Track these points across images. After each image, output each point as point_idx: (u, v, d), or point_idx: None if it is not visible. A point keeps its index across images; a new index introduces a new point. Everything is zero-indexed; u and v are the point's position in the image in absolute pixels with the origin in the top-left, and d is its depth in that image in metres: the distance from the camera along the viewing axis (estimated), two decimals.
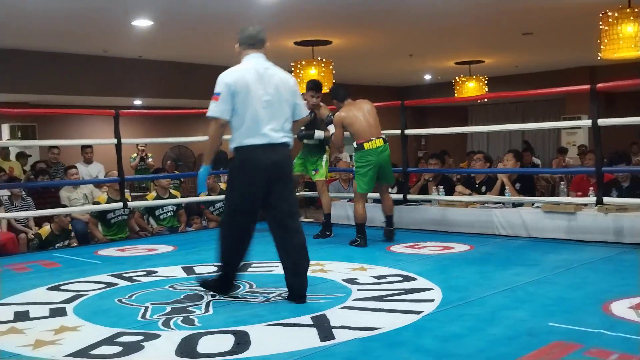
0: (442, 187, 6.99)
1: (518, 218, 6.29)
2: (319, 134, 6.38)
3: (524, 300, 3.81)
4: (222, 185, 8.55)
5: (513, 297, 3.88)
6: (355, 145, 5.93)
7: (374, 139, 5.86)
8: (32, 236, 7.07)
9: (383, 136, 5.95)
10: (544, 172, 10.15)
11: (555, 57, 13.41)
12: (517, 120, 17.05)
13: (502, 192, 6.58)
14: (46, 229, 6.92)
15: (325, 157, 6.58)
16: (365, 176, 5.87)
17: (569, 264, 4.84)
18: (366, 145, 5.83)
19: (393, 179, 6.22)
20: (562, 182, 7.09)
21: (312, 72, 10.91)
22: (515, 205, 6.47)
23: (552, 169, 11.21)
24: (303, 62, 10.98)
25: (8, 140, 11.79)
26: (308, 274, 4.07)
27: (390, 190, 7.55)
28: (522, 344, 3.00)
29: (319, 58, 11.05)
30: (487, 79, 13.93)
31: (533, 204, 6.35)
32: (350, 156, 16.34)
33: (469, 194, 6.99)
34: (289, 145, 3.97)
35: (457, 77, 13.99)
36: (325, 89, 7.35)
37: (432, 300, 3.83)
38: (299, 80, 11.03)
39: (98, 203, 7.23)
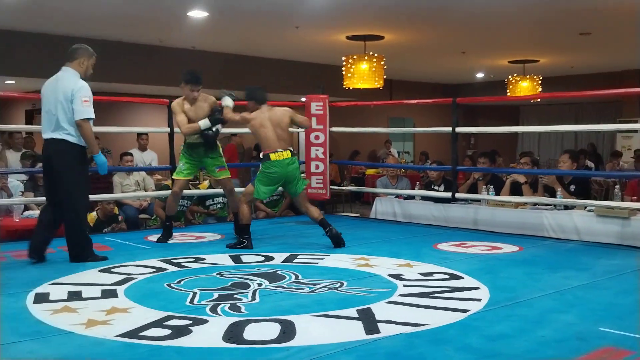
0: (492, 186, 6.89)
1: (569, 221, 6.17)
2: (204, 123, 5.81)
3: (574, 304, 3.75)
4: None
5: (562, 300, 3.82)
6: (261, 155, 5.71)
7: (280, 150, 5.62)
8: None
9: (290, 149, 5.72)
10: (598, 175, 9.92)
11: (613, 58, 13.08)
12: (570, 122, 16.69)
13: (553, 195, 6.46)
14: (92, 215, 7.09)
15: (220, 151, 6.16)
16: (266, 185, 5.68)
17: (621, 269, 4.73)
18: (272, 156, 5.60)
19: (301, 189, 5.84)
20: (616, 186, 6.93)
21: (364, 67, 10.90)
22: (567, 207, 6.34)
23: (606, 172, 10.95)
24: (355, 57, 10.97)
25: None
26: (353, 267, 4.74)
27: (436, 188, 7.52)
28: (572, 347, 2.95)
29: (371, 53, 11.02)
30: (541, 78, 13.67)
31: (585, 207, 6.22)
32: (398, 152, 16.31)
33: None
34: (59, 141, 4.81)
35: (510, 76, 13.78)
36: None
37: (479, 300, 3.79)
38: (350, 74, 11.03)
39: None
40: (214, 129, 5.86)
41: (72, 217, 4.92)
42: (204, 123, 5.79)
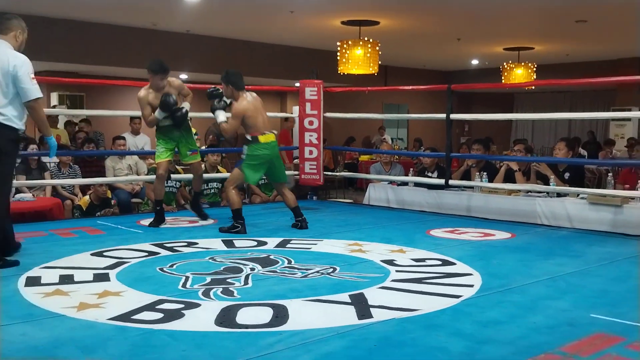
0: (485, 173, 6.90)
1: (562, 208, 6.18)
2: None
3: (566, 290, 3.76)
4: None
5: (554, 287, 3.82)
6: (249, 138, 5.62)
7: (267, 132, 5.64)
8: (75, 206, 7.23)
9: (275, 132, 5.76)
10: (591, 163, 9.94)
11: (609, 46, 13.08)
12: (564, 110, 16.73)
13: (546, 182, 6.47)
14: (85, 199, 7.08)
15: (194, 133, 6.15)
16: (256, 169, 5.68)
17: (613, 256, 4.74)
18: (261, 138, 5.59)
19: (286, 177, 6.02)
20: (609, 174, 6.94)
21: (359, 53, 10.86)
22: (560, 195, 6.36)
23: (599, 160, 10.97)
24: (350, 42, 10.93)
25: (53, 107, 12.05)
26: (346, 252, 4.73)
27: (430, 174, 7.53)
28: (563, 333, 2.96)
29: (366, 38, 10.98)
30: (535, 66, 13.66)
31: (578, 195, 6.23)
32: (392, 139, 16.30)
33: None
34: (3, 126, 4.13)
35: (505, 63, 13.76)
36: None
37: (471, 286, 3.80)
38: (344, 59, 10.97)
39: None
40: (182, 110, 5.83)
41: (2, 209, 4.27)
42: (158, 114, 5.77)
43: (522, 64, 13.63)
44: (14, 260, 4.29)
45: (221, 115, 5.71)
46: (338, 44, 11.07)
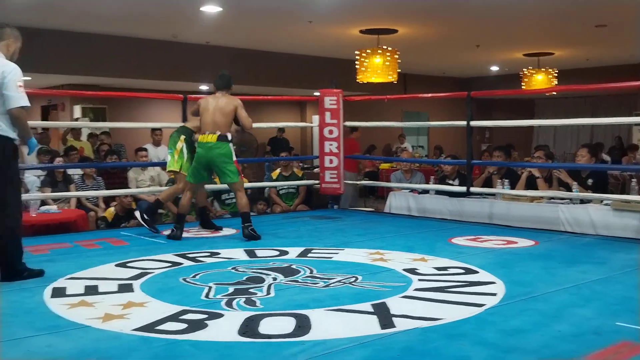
0: (507, 180, 6.85)
1: (585, 215, 6.12)
2: None
3: (590, 298, 3.72)
4: (296, 171, 8.48)
5: (579, 295, 3.79)
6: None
7: (207, 133, 5.76)
8: (99, 217, 7.31)
9: (220, 133, 5.73)
10: (614, 169, 9.83)
11: (629, 50, 12.95)
12: (586, 116, 16.55)
13: (569, 189, 6.42)
14: (111, 210, 7.15)
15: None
16: (194, 168, 5.88)
17: (638, 263, 4.68)
18: (200, 138, 5.81)
19: (232, 178, 5.79)
20: (632, 180, 6.86)
21: (377, 61, 10.88)
22: (583, 201, 6.30)
23: (622, 165, 10.85)
24: (368, 51, 10.95)
25: (76, 119, 12.20)
26: (367, 261, 4.73)
27: (451, 182, 7.49)
28: (588, 342, 2.93)
29: (385, 47, 10.99)
30: (556, 71, 13.56)
31: (602, 201, 6.17)
32: (412, 147, 16.26)
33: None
34: None
35: (525, 69, 13.68)
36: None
37: (494, 294, 3.77)
38: (363, 68, 10.99)
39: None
40: None
41: (14, 224, 4.20)
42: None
43: (542, 69, 13.54)
44: (39, 270, 4.35)
45: None
46: (357, 52, 11.10)
